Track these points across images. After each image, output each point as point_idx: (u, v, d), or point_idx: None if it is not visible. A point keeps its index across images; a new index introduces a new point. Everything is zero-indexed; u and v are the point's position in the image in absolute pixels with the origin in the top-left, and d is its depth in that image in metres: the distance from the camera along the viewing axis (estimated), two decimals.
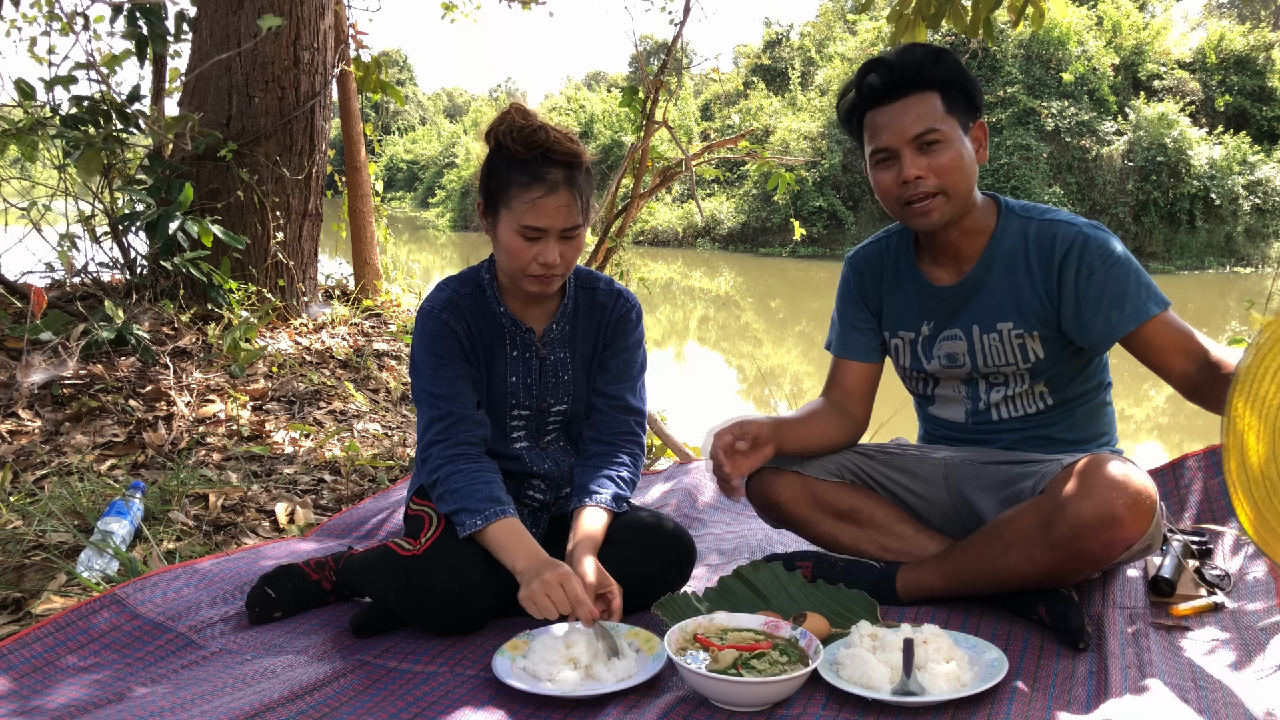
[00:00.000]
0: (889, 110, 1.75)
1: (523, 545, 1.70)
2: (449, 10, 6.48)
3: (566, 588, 1.60)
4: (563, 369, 1.93)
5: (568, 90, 33.52)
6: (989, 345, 1.85)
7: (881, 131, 1.76)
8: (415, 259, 16.74)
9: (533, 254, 1.74)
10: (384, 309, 5.09)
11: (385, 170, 34.13)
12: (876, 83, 1.76)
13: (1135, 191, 16.68)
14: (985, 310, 1.84)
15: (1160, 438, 7.21)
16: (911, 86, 1.73)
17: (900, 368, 2.01)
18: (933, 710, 1.42)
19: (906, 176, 1.74)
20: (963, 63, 1.77)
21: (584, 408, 1.96)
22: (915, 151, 1.73)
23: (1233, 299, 13.40)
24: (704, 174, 5.66)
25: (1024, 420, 1.90)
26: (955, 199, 1.76)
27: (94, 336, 3.35)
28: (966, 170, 1.76)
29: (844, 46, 21.32)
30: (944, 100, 1.74)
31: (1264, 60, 18.44)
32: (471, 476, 1.76)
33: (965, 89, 1.76)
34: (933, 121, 1.72)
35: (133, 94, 3.96)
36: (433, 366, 1.84)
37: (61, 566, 2.13)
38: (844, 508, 1.91)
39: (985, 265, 1.83)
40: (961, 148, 1.75)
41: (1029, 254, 1.80)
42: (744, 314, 13.50)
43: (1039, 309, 1.80)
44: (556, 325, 1.91)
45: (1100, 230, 1.79)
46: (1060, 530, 1.57)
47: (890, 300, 1.96)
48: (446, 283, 1.92)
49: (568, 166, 1.74)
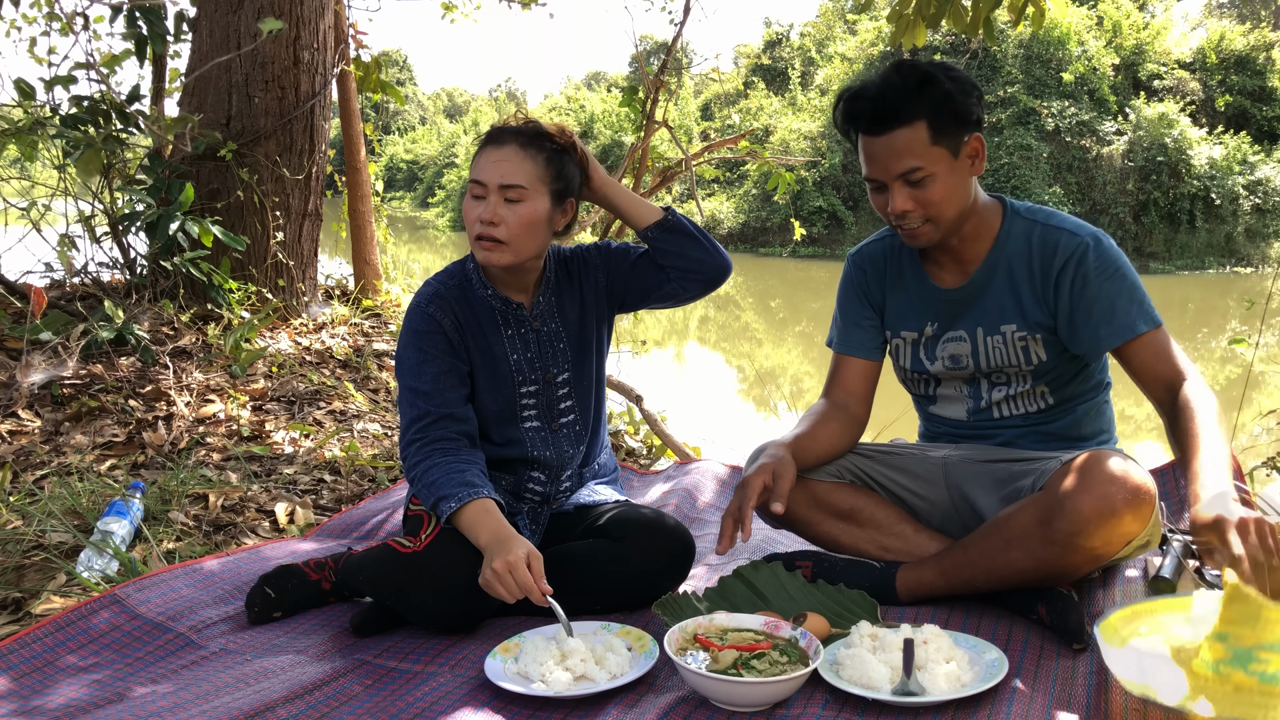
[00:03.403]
0: (875, 143, 1.73)
1: (488, 521, 1.70)
2: (449, 10, 6.48)
3: (516, 574, 1.60)
4: (557, 338, 1.96)
5: (568, 90, 33.53)
6: (992, 347, 1.85)
7: (869, 162, 1.76)
8: (415, 259, 16.73)
9: (477, 213, 1.79)
10: (384, 309, 5.09)
11: (385, 170, 34.12)
12: (860, 118, 1.74)
13: (1135, 191, 16.68)
14: (989, 312, 1.84)
15: (1160, 438, 7.20)
16: (895, 121, 1.69)
17: (900, 369, 2.01)
18: (933, 710, 1.42)
19: (894, 210, 1.75)
20: (955, 76, 1.72)
21: (586, 372, 1.99)
22: (903, 184, 1.72)
23: (1233, 299, 13.39)
24: (704, 174, 5.66)
25: (1024, 418, 1.91)
26: (944, 225, 1.77)
27: (94, 336, 3.35)
28: (956, 199, 1.75)
29: (844, 46, 21.32)
30: (931, 129, 1.69)
31: (1264, 60, 18.43)
32: (446, 467, 1.77)
33: (955, 111, 1.71)
34: (918, 159, 1.70)
35: (133, 94, 3.96)
36: (416, 362, 1.85)
37: (61, 566, 2.13)
38: (844, 508, 1.91)
39: (990, 268, 1.83)
40: (950, 177, 1.73)
41: (1032, 259, 1.80)
42: (744, 314, 13.50)
43: (1039, 314, 1.81)
44: (543, 297, 1.95)
45: (1103, 241, 1.78)
46: (1060, 525, 1.58)
47: (894, 299, 1.96)
48: (433, 278, 1.95)
49: (526, 134, 1.81)
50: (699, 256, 1.91)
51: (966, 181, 1.77)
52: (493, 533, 1.67)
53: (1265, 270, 15.89)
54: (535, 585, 1.61)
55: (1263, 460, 2.50)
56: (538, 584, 1.62)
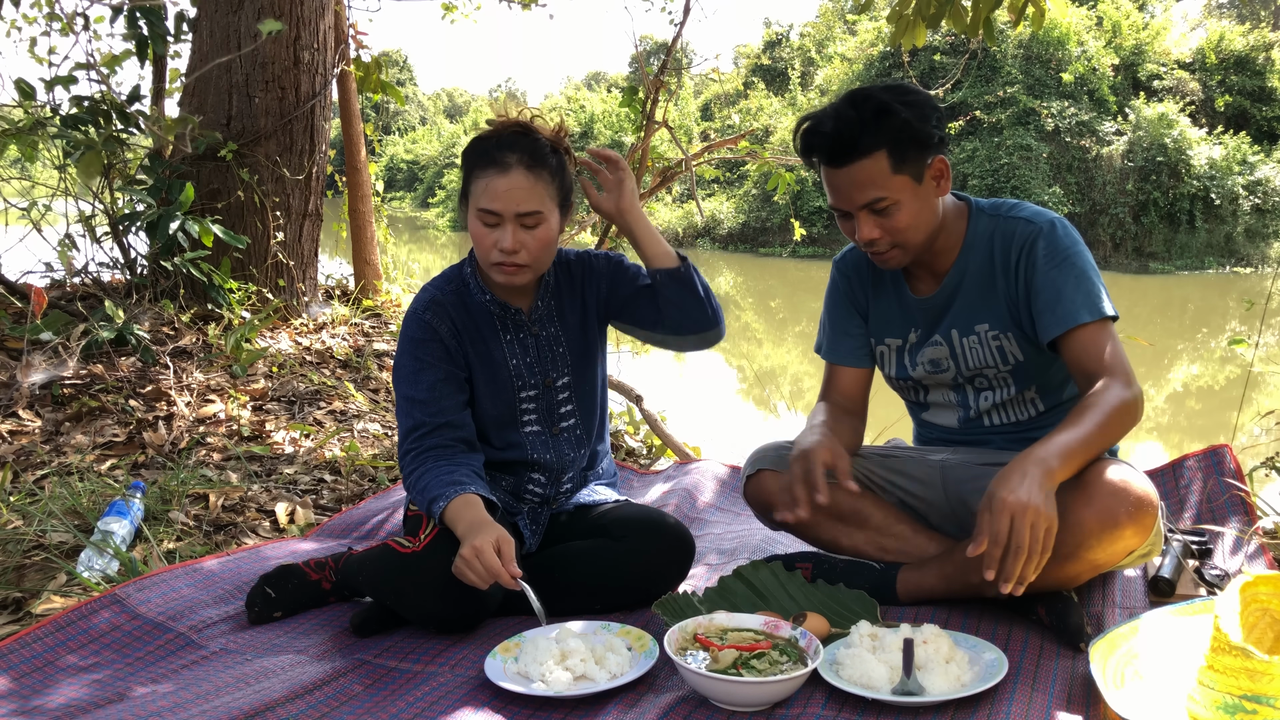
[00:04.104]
0: (837, 174, 1.71)
1: (465, 513, 1.69)
2: (449, 10, 6.48)
3: (484, 559, 1.60)
4: (556, 342, 1.95)
5: (568, 90, 33.53)
6: (968, 348, 1.85)
7: (833, 193, 1.74)
8: (415, 259, 16.74)
9: (492, 240, 1.75)
10: (384, 309, 5.09)
11: (385, 170, 34.11)
12: (819, 150, 1.71)
13: (1135, 191, 16.67)
14: (962, 314, 1.84)
15: (1160, 437, 7.21)
16: (854, 153, 1.67)
17: (887, 376, 2.00)
18: (933, 710, 1.42)
19: (861, 238, 1.74)
20: (912, 100, 1.68)
21: (587, 377, 1.98)
22: (868, 214, 1.71)
23: (1233, 299, 13.39)
24: (704, 174, 5.66)
25: (1015, 426, 1.90)
26: (913, 249, 1.76)
27: (94, 336, 3.35)
28: (923, 223, 1.74)
29: (844, 46, 21.32)
30: (892, 158, 1.67)
31: (1264, 60, 18.43)
32: (438, 471, 1.77)
33: (914, 138, 1.67)
34: (880, 189, 1.68)
35: (133, 94, 3.96)
36: (412, 370, 1.84)
37: (61, 566, 2.14)
38: (843, 509, 1.90)
39: (959, 272, 1.83)
40: (914, 203, 1.71)
41: (994, 254, 1.79)
42: (744, 314, 13.50)
43: (1009, 308, 1.79)
44: (542, 302, 1.93)
45: (1057, 228, 1.75)
46: (1062, 536, 1.55)
47: (877, 306, 1.96)
48: (430, 283, 1.93)
49: (528, 152, 1.73)
50: (698, 316, 1.87)
51: (933, 203, 1.75)
52: (468, 522, 1.67)
53: (1265, 270, 15.89)
54: (503, 569, 1.60)
55: (1262, 460, 2.49)
56: (506, 567, 1.61)
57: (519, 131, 1.77)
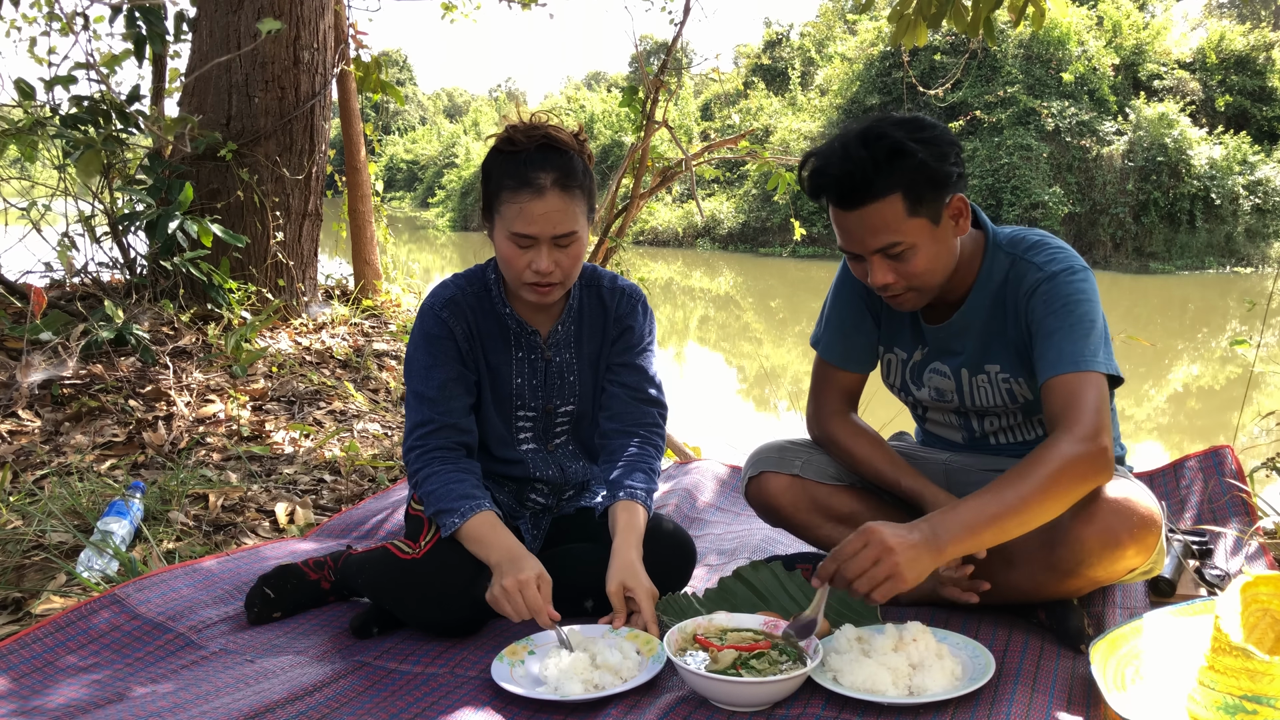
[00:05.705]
0: (848, 217, 1.60)
1: (496, 538, 1.69)
2: (449, 10, 6.48)
3: (526, 595, 1.60)
4: (568, 370, 1.91)
5: (568, 90, 33.53)
6: (977, 387, 1.80)
7: (843, 235, 1.64)
8: (415, 259, 16.75)
9: (526, 261, 1.69)
10: (384, 309, 5.09)
11: (385, 170, 34.13)
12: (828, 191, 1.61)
13: (1135, 191, 16.67)
14: (973, 353, 1.77)
15: (1160, 437, 7.21)
16: (867, 196, 1.56)
17: (890, 385, 1.95)
18: (933, 710, 1.42)
19: (874, 283, 1.65)
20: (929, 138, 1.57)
21: (592, 408, 1.95)
22: (882, 258, 1.61)
23: (1233, 299, 13.39)
24: (704, 174, 5.66)
25: (1022, 444, 1.86)
26: (930, 291, 1.67)
27: (94, 336, 3.35)
28: (941, 265, 1.64)
29: (844, 46, 21.31)
30: (907, 200, 1.56)
31: (1264, 60, 18.42)
32: (445, 478, 1.76)
33: (931, 179, 1.56)
34: (895, 234, 1.58)
35: (133, 94, 3.96)
36: (425, 366, 1.82)
37: (61, 566, 2.13)
38: (844, 511, 1.89)
39: (971, 309, 1.74)
40: (932, 245, 1.61)
41: (1007, 296, 1.71)
42: (744, 314, 13.50)
43: (1015, 352, 1.73)
44: (562, 326, 1.88)
45: (1061, 276, 1.64)
46: (1062, 554, 1.55)
47: (889, 313, 1.88)
48: (451, 280, 1.88)
49: (561, 170, 1.66)
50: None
51: (951, 244, 1.65)
52: (504, 550, 1.67)
53: (1265, 270, 15.88)
54: (544, 608, 1.60)
55: (1263, 461, 2.49)
56: (546, 608, 1.61)
57: (546, 144, 1.68)
